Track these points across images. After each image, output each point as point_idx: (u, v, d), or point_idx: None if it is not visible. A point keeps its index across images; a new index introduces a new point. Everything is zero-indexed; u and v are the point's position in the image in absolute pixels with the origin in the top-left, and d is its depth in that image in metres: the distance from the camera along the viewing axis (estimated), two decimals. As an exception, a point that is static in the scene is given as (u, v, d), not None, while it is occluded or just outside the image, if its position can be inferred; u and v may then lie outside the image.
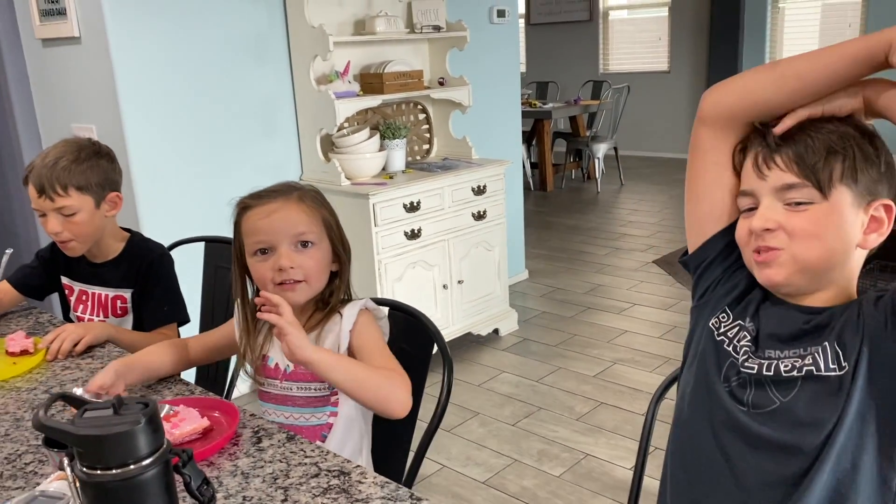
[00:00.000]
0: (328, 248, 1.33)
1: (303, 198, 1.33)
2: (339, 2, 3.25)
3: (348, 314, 1.32)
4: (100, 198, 1.70)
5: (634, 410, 2.92)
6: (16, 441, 1.20)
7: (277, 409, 1.36)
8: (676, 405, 1.12)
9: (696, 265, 1.11)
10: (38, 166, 1.66)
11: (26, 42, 3.08)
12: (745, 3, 7.50)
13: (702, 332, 1.09)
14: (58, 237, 1.68)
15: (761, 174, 0.98)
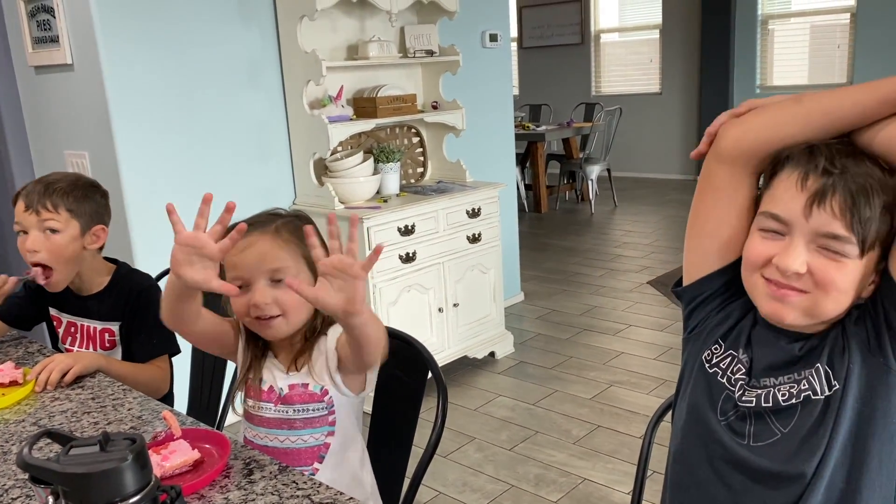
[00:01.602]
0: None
1: (279, 231, 1.29)
2: (332, 27, 3.27)
3: (332, 333, 1.30)
4: (86, 227, 1.70)
5: (632, 433, 2.90)
6: (3, 475, 1.18)
7: (270, 433, 1.33)
8: (672, 437, 1.11)
9: (691, 299, 1.09)
10: (33, 185, 1.66)
11: (19, 69, 3.08)
12: (734, 25, 7.58)
13: (693, 364, 1.07)
14: (34, 256, 1.64)
15: (806, 210, 0.91)
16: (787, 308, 0.93)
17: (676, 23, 8.03)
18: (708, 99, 7.86)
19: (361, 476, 1.34)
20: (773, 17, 7.53)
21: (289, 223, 1.31)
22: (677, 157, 8.30)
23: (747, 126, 0.99)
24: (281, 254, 1.27)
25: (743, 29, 7.58)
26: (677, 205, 7.00)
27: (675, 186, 7.93)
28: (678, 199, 7.24)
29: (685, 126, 8.19)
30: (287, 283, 1.13)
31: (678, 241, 5.63)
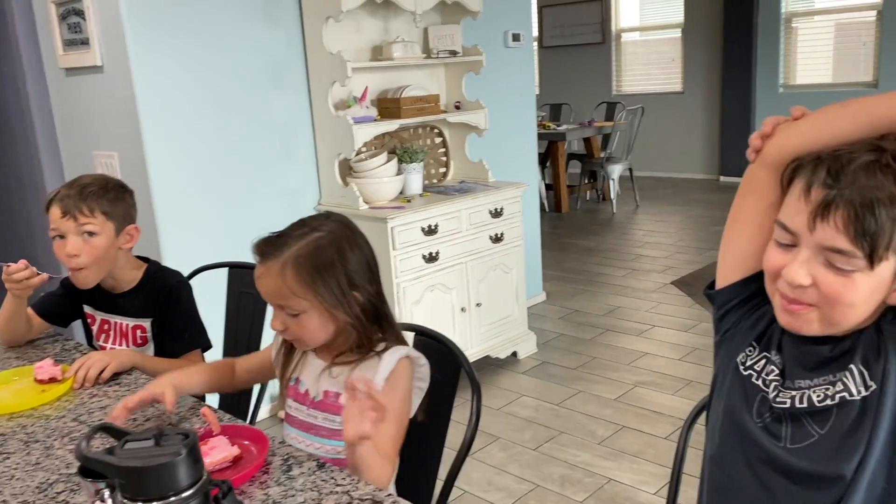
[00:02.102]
0: (320, 311, 1.26)
1: (285, 268, 1.25)
2: (356, 28, 3.29)
3: (387, 361, 1.28)
4: (120, 228, 1.73)
5: (657, 434, 2.89)
6: (47, 470, 1.20)
7: (301, 436, 1.35)
8: (707, 441, 1.11)
9: (724, 302, 1.08)
10: (65, 191, 1.69)
11: (50, 71, 3.13)
12: (757, 23, 7.52)
13: (727, 367, 1.07)
14: (73, 261, 1.67)
15: (810, 223, 0.90)
16: (801, 321, 0.93)
17: (698, 21, 7.97)
18: (730, 98, 7.81)
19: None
20: (796, 14, 7.46)
21: (301, 256, 1.26)
22: (700, 157, 8.25)
23: (792, 132, 0.98)
24: (285, 292, 1.25)
25: (766, 27, 7.52)
26: (700, 204, 6.96)
27: (698, 186, 7.89)
28: (701, 199, 7.20)
29: (708, 125, 8.14)
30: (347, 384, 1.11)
31: (701, 242, 5.60)
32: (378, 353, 1.30)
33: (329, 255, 1.26)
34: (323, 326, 1.28)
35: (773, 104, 7.60)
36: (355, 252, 1.29)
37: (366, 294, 1.30)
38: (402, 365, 1.30)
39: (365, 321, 1.30)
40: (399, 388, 1.29)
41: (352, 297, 1.27)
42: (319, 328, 1.28)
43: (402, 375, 1.29)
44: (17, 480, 1.17)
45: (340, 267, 1.26)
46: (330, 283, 1.25)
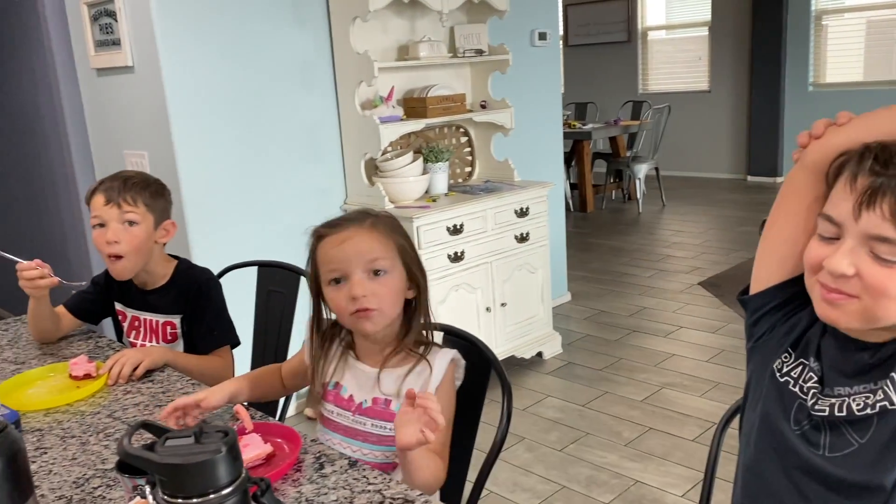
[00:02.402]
0: (402, 275, 1.31)
1: (375, 225, 1.30)
2: (383, 28, 3.30)
3: (438, 368, 1.30)
4: (158, 222, 1.77)
5: (684, 436, 2.87)
6: (83, 465, 1.22)
7: (344, 441, 1.34)
8: (742, 447, 1.09)
9: (758, 307, 1.06)
10: (109, 182, 1.73)
11: (81, 71, 3.17)
12: (786, 20, 7.42)
13: (762, 373, 1.05)
14: (113, 247, 1.69)
15: (855, 211, 0.88)
16: (839, 312, 0.90)
17: (726, 19, 7.89)
18: (759, 97, 7.72)
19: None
20: (826, 12, 7.35)
21: (384, 218, 1.34)
22: (727, 156, 8.17)
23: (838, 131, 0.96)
24: (377, 246, 1.28)
25: (795, 25, 7.42)
26: (727, 204, 6.89)
27: (725, 186, 7.81)
28: (728, 199, 7.12)
29: (735, 124, 8.05)
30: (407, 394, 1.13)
31: (729, 242, 5.54)
32: (426, 358, 1.31)
33: (399, 225, 1.35)
34: (401, 292, 1.31)
35: (803, 103, 7.50)
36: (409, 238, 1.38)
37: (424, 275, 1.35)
38: (450, 370, 1.32)
39: (424, 303, 1.34)
40: (447, 394, 1.30)
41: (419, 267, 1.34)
42: (399, 292, 1.30)
43: (449, 381, 1.32)
44: (54, 475, 1.19)
45: (407, 238, 1.34)
46: (407, 243, 1.33)
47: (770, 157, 7.78)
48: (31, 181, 3.93)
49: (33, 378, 1.61)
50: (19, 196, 4.14)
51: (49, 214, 3.85)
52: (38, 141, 3.73)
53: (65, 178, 3.51)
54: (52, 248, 3.86)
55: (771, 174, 7.79)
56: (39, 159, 3.77)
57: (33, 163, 3.85)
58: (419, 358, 1.31)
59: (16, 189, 4.17)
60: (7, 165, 4.19)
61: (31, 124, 3.74)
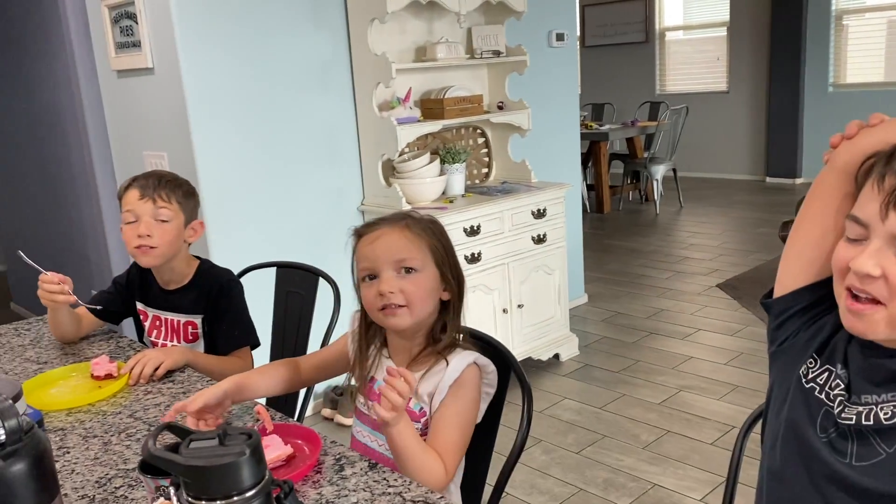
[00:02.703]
0: (434, 275, 1.32)
1: (409, 225, 1.32)
2: (401, 29, 3.30)
3: (454, 366, 1.30)
4: (188, 221, 1.80)
5: (703, 439, 2.85)
6: (105, 465, 1.23)
7: (372, 434, 1.37)
8: (765, 453, 1.07)
9: (782, 310, 1.05)
10: (143, 178, 1.76)
11: (102, 73, 3.20)
12: (806, 21, 7.35)
13: (785, 378, 1.03)
14: (145, 241, 1.71)
15: (882, 212, 0.87)
16: (866, 323, 0.89)
17: (745, 20, 7.83)
18: (778, 98, 7.65)
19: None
20: (847, 12, 7.27)
21: (422, 220, 1.35)
22: (745, 158, 8.10)
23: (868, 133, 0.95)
24: (408, 245, 1.29)
25: (815, 25, 7.35)
26: (745, 206, 6.84)
27: (743, 187, 7.74)
28: (746, 201, 7.07)
29: (753, 125, 7.99)
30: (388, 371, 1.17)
31: (747, 244, 5.50)
32: (445, 357, 1.31)
33: (437, 227, 1.36)
34: (433, 292, 1.31)
35: (823, 104, 7.43)
36: (448, 239, 1.38)
37: (460, 277, 1.36)
38: (470, 372, 1.30)
39: (458, 307, 1.35)
40: (464, 395, 1.29)
41: (455, 270, 1.35)
42: (431, 291, 1.31)
43: (468, 383, 1.30)
44: (77, 475, 1.20)
45: (446, 240, 1.36)
46: (442, 245, 1.34)
47: (789, 159, 7.71)
48: (52, 181, 3.97)
49: (55, 378, 1.62)
50: (40, 196, 4.19)
51: (69, 214, 3.89)
52: (58, 141, 3.77)
53: (85, 178, 3.54)
54: (72, 248, 3.90)
55: (790, 175, 7.73)
56: (60, 160, 3.81)
57: (54, 163, 3.89)
58: (439, 357, 1.31)
59: (37, 189, 4.21)
60: (29, 166, 4.24)
61: (53, 125, 3.78)
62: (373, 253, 1.30)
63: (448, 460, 1.24)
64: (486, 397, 1.36)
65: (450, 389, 1.28)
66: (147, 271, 1.87)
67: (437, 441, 1.25)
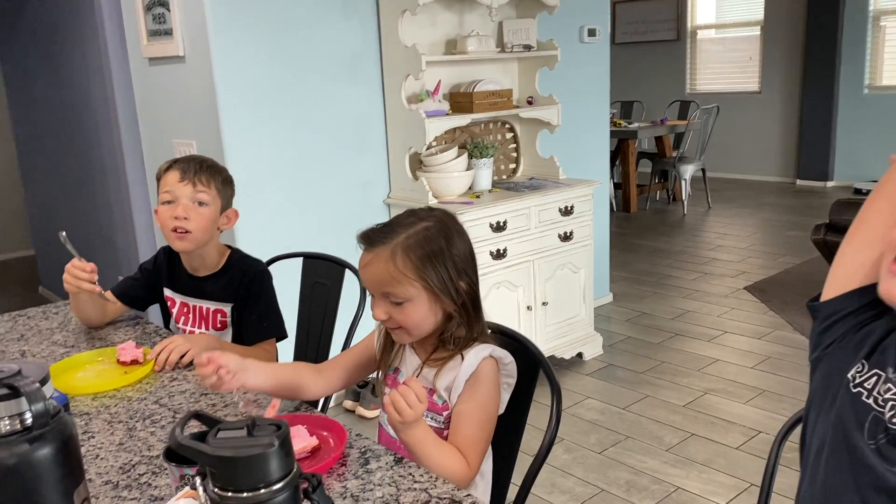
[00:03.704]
0: (426, 300, 1.26)
1: (395, 253, 1.25)
2: (431, 22, 3.28)
3: (469, 361, 1.27)
4: (224, 208, 1.80)
5: (728, 444, 2.80)
6: (129, 451, 1.22)
7: None
8: (806, 460, 1.04)
9: (830, 313, 1.01)
10: (184, 161, 1.76)
11: (133, 60, 3.21)
12: (843, 21, 7.21)
13: (831, 383, 1.00)
14: (181, 223, 1.71)
15: None
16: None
17: (780, 19, 7.70)
18: (811, 99, 7.52)
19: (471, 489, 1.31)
20: (885, 12, 7.12)
21: (415, 242, 1.26)
22: (776, 159, 7.98)
23: None
24: (392, 280, 1.24)
25: (852, 25, 7.21)
26: (774, 208, 6.73)
27: (773, 189, 7.63)
28: (776, 203, 6.96)
29: (785, 127, 7.86)
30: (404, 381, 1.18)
31: (776, 247, 5.41)
32: (461, 352, 1.29)
33: (438, 241, 1.27)
34: (430, 314, 1.28)
35: (858, 106, 7.29)
36: (459, 240, 1.30)
37: (468, 282, 1.30)
38: (486, 365, 1.28)
39: (470, 309, 1.30)
40: (480, 389, 1.27)
41: (458, 284, 1.28)
42: (426, 316, 1.27)
43: (485, 376, 1.27)
44: (101, 460, 1.20)
45: (448, 253, 1.27)
46: (439, 268, 1.26)
47: (821, 162, 7.58)
48: (82, 167, 4.01)
49: (82, 362, 1.63)
50: (70, 182, 4.23)
51: (98, 200, 3.92)
52: (89, 128, 3.80)
53: (114, 165, 3.57)
54: (101, 234, 3.93)
55: (821, 179, 7.59)
56: (90, 146, 3.84)
57: (84, 149, 3.93)
58: (454, 352, 1.29)
59: (66, 175, 4.25)
60: (59, 152, 4.28)
61: (83, 111, 3.80)
62: (364, 277, 1.29)
63: (470, 455, 1.23)
64: (507, 388, 1.33)
65: (466, 385, 1.26)
66: (175, 257, 1.87)
67: (457, 437, 1.24)
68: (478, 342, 1.31)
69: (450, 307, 1.28)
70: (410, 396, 1.12)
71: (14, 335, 1.82)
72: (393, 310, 1.26)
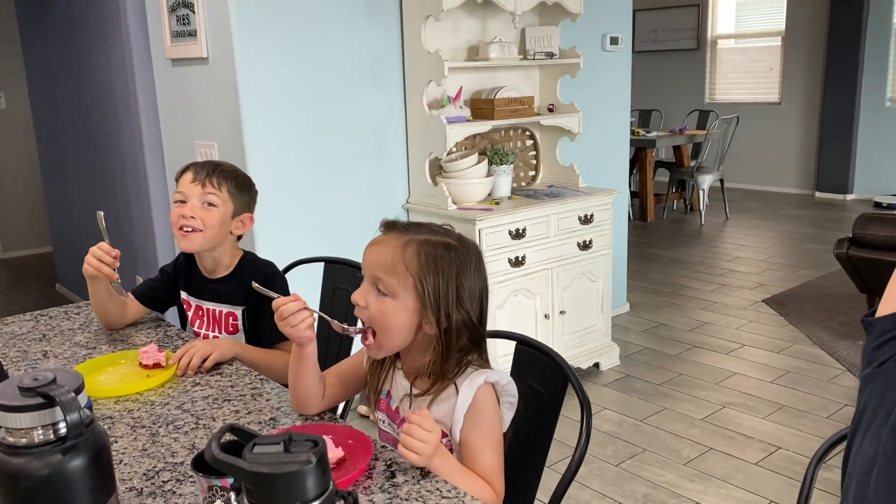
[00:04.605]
0: (410, 307, 1.20)
1: (409, 244, 1.20)
2: (454, 27, 3.27)
3: (465, 393, 1.21)
4: (237, 212, 1.80)
5: (746, 459, 2.77)
6: (153, 457, 1.21)
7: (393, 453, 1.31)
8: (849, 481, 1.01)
9: (885, 329, 0.97)
10: (201, 164, 1.79)
11: (157, 61, 3.22)
12: (865, 32, 7.15)
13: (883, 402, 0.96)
14: (188, 222, 1.73)
15: None
16: None
17: (801, 30, 7.64)
18: (831, 111, 7.46)
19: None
20: (909, 25, 7.06)
21: (433, 246, 1.21)
22: (795, 171, 7.91)
23: None
24: (391, 266, 1.20)
25: (875, 38, 7.15)
26: (793, 220, 6.67)
27: (791, 201, 7.56)
28: (794, 215, 6.90)
29: (805, 138, 7.79)
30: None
31: (795, 259, 5.36)
32: (454, 382, 1.22)
33: (454, 260, 1.21)
34: (407, 324, 1.21)
35: (879, 119, 7.22)
36: (475, 276, 1.24)
37: (463, 318, 1.21)
38: (483, 393, 1.22)
39: (452, 342, 1.22)
40: (484, 418, 1.22)
41: (451, 308, 1.20)
42: (402, 323, 1.20)
43: (484, 404, 1.22)
44: (125, 465, 1.19)
45: (456, 275, 1.21)
46: (440, 281, 1.19)
47: (841, 174, 7.51)
48: (103, 167, 4.02)
49: (104, 364, 1.62)
50: (90, 180, 4.24)
51: (117, 200, 3.93)
52: (111, 127, 3.81)
53: (135, 165, 3.58)
54: (120, 234, 3.94)
55: (841, 191, 7.52)
56: (111, 145, 3.86)
57: (105, 149, 3.94)
58: (447, 382, 1.23)
59: (87, 173, 4.27)
60: (80, 150, 4.30)
61: (106, 110, 3.82)
62: (365, 254, 1.24)
63: (494, 482, 1.21)
64: (509, 407, 1.28)
65: (466, 417, 1.21)
66: (193, 260, 1.87)
67: (476, 467, 1.21)
68: (470, 369, 1.25)
69: (431, 329, 1.22)
70: (418, 432, 1.09)
71: (36, 335, 1.82)
72: (374, 299, 1.20)
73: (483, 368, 1.25)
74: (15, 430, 0.73)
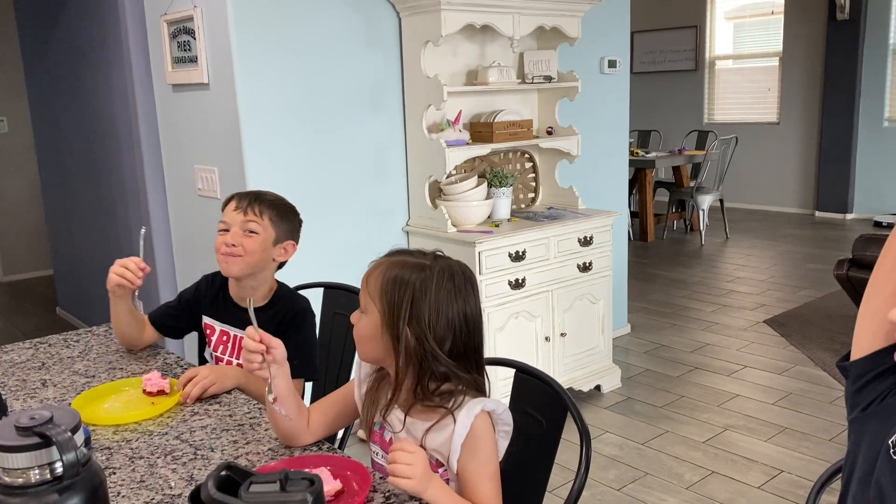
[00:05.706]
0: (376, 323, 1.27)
1: (383, 264, 1.29)
2: (453, 52, 3.29)
3: (462, 422, 1.22)
4: (280, 239, 1.82)
5: (749, 483, 2.75)
6: (151, 489, 1.21)
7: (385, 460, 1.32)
8: None
9: (861, 374, 0.96)
10: (246, 193, 1.84)
11: (158, 86, 3.25)
12: (862, 53, 7.20)
13: (871, 447, 0.95)
14: (230, 249, 1.76)
15: None
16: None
17: (798, 50, 7.70)
18: (829, 131, 7.49)
19: None
20: (905, 45, 7.10)
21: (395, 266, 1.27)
22: (794, 190, 7.93)
23: None
24: (364, 285, 1.29)
25: (872, 58, 7.19)
26: (793, 240, 6.68)
27: (791, 220, 7.57)
28: (794, 235, 6.90)
29: (804, 158, 7.82)
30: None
31: (795, 280, 5.36)
32: (452, 412, 1.23)
33: (414, 279, 1.24)
34: (375, 338, 1.27)
35: (877, 139, 7.25)
36: (447, 297, 1.24)
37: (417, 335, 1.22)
38: (480, 422, 1.23)
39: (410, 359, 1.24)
40: (481, 448, 1.23)
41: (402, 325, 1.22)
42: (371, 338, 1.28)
43: (482, 433, 1.23)
44: (123, 498, 1.18)
45: (419, 295, 1.23)
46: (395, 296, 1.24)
47: (840, 194, 7.53)
48: (103, 190, 4.03)
49: (107, 392, 1.62)
50: (91, 203, 4.26)
51: (118, 223, 3.94)
52: (112, 151, 3.83)
53: (135, 189, 3.59)
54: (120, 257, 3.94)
55: (840, 211, 7.54)
56: (112, 169, 3.87)
57: (106, 172, 3.96)
58: (444, 413, 1.23)
59: (88, 196, 4.28)
60: (81, 173, 4.31)
61: (107, 135, 3.84)
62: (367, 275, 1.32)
63: None
64: (504, 435, 1.29)
65: (463, 447, 1.22)
66: (223, 286, 1.87)
67: (476, 498, 1.22)
68: (468, 396, 1.25)
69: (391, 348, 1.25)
70: (402, 456, 1.13)
71: (35, 363, 1.82)
72: (360, 318, 1.30)
73: (477, 398, 1.26)
74: (11, 470, 0.73)
